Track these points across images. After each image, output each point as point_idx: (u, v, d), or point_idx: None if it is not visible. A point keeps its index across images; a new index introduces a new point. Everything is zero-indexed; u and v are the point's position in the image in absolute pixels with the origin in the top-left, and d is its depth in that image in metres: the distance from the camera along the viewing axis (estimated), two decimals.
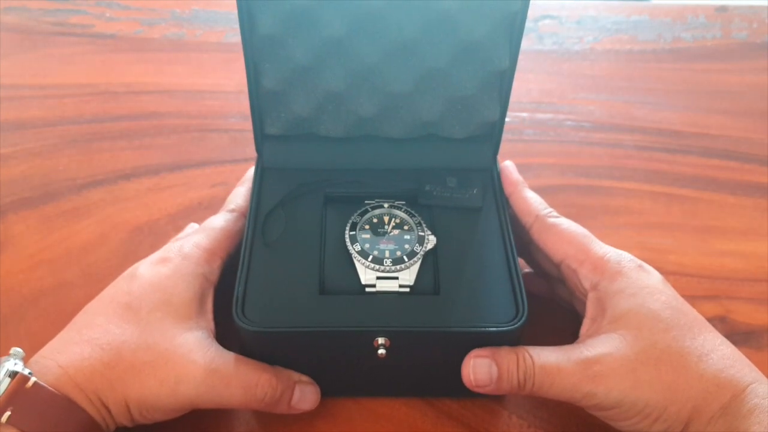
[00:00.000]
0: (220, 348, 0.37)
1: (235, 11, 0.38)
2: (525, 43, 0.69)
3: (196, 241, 0.40)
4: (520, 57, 0.40)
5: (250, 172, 0.46)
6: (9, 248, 0.49)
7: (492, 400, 0.41)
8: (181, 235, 0.44)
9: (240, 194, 0.45)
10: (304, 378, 0.38)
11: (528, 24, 0.65)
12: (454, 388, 0.41)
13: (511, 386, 0.35)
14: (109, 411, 0.34)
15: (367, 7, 0.38)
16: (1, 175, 0.54)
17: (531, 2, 0.38)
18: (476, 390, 0.36)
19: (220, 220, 0.43)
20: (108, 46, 0.67)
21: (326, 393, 0.39)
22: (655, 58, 0.68)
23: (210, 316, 0.39)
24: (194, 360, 0.35)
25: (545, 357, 0.35)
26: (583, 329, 0.38)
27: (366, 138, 0.45)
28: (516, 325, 0.36)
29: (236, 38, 0.67)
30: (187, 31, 0.69)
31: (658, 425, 0.34)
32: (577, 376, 0.35)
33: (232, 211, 0.44)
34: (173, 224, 0.50)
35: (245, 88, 0.42)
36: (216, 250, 0.41)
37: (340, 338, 0.37)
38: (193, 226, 0.45)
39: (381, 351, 0.36)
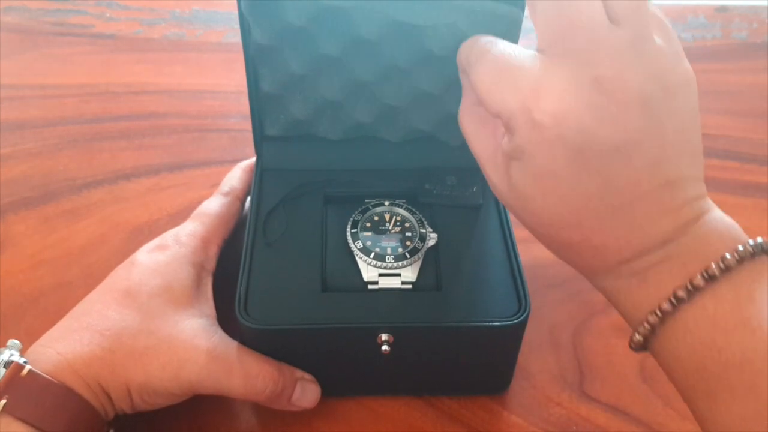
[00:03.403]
0: (225, 335, 0.37)
1: (236, 11, 0.38)
2: (525, 43, 0.69)
3: (191, 229, 0.41)
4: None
5: (249, 160, 0.47)
6: (9, 248, 0.49)
7: (492, 400, 0.41)
8: None
9: (235, 176, 0.45)
10: (307, 376, 0.38)
11: (528, 24, 0.65)
12: (457, 385, 0.41)
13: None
14: (109, 397, 0.34)
15: (360, 34, 0.38)
16: (1, 175, 0.54)
17: None
18: None
19: (215, 206, 0.43)
20: (108, 46, 0.67)
21: (329, 392, 0.39)
22: None
23: (211, 302, 0.39)
24: (197, 345, 0.35)
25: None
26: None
27: (365, 139, 0.45)
28: (519, 320, 0.36)
29: (236, 38, 0.67)
30: (187, 31, 0.69)
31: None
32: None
33: (227, 194, 0.44)
34: (173, 224, 0.49)
35: (245, 88, 0.42)
36: (211, 238, 0.41)
37: (344, 335, 0.37)
38: None
39: (385, 347, 0.36)
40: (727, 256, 0.27)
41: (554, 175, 0.28)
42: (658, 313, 0.28)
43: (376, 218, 0.41)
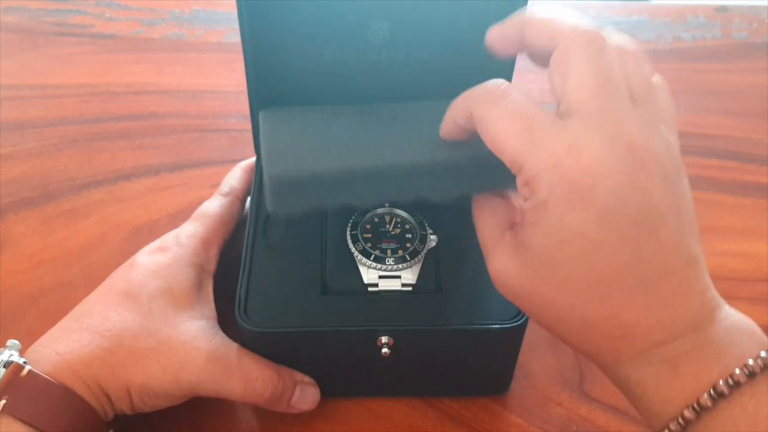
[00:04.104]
0: (226, 337, 0.37)
1: (235, 11, 0.38)
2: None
3: (192, 231, 0.41)
4: (520, 57, 0.40)
5: (249, 160, 0.47)
6: (9, 248, 0.49)
7: (492, 400, 0.41)
8: None
9: (235, 176, 0.45)
10: (306, 378, 0.39)
11: None
12: (457, 387, 0.41)
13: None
14: (108, 398, 0.34)
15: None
16: (1, 175, 0.54)
17: (531, 2, 0.38)
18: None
19: (215, 206, 0.43)
20: (108, 46, 0.67)
21: (329, 393, 0.39)
22: (655, 58, 0.68)
23: (212, 304, 0.39)
24: (198, 346, 0.35)
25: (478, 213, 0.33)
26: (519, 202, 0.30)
27: None
28: (519, 322, 0.36)
29: (236, 38, 0.67)
30: (187, 31, 0.69)
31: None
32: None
33: (227, 194, 0.44)
34: (173, 224, 0.49)
35: (245, 88, 0.42)
36: (212, 239, 0.41)
37: (344, 338, 0.37)
38: None
39: (385, 350, 0.36)
40: (763, 354, 0.26)
41: (583, 238, 0.27)
42: (696, 407, 0.26)
43: (376, 220, 0.41)
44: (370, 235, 0.40)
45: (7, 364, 0.33)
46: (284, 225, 0.41)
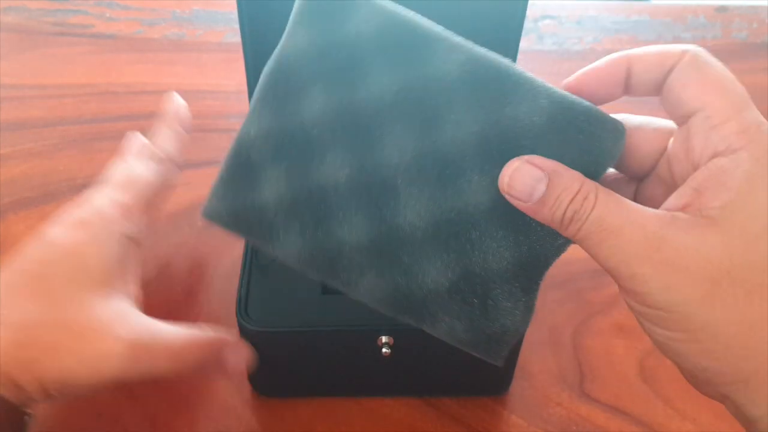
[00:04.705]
0: (142, 316, 0.35)
1: (235, 11, 0.38)
2: (525, 43, 0.69)
3: (114, 197, 0.37)
4: (520, 57, 0.40)
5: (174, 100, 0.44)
6: (9, 248, 0.49)
7: (492, 400, 0.41)
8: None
9: (168, 137, 0.41)
10: (231, 338, 0.37)
11: (528, 24, 0.65)
12: (456, 386, 0.41)
13: (552, 219, 0.27)
14: (22, 390, 0.32)
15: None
16: (1, 175, 0.54)
17: (531, 2, 0.38)
18: (508, 199, 0.28)
19: (141, 169, 0.39)
20: (108, 46, 0.67)
21: (329, 393, 0.39)
22: None
23: (131, 278, 0.36)
24: (115, 335, 0.33)
25: (610, 209, 0.26)
26: (674, 199, 0.27)
27: None
28: None
29: (236, 38, 0.67)
30: (187, 31, 0.69)
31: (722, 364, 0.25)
32: (638, 250, 0.25)
33: (161, 161, 0.40)
34: (173, 224, 0.49)
35: (245, 88, 0.42)
36: (138, 205, 0.38)
37: (344, 337, 0.37)
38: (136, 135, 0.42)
39: (385, 350, 0.36)
40: None
41: None
42: None
43: None
44: None
45: None
46: None
